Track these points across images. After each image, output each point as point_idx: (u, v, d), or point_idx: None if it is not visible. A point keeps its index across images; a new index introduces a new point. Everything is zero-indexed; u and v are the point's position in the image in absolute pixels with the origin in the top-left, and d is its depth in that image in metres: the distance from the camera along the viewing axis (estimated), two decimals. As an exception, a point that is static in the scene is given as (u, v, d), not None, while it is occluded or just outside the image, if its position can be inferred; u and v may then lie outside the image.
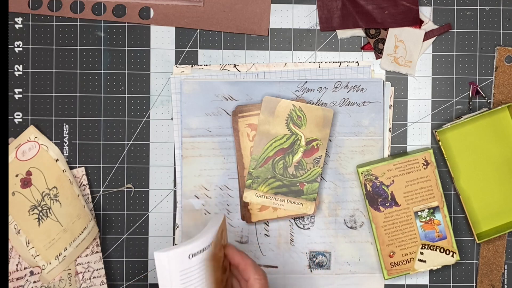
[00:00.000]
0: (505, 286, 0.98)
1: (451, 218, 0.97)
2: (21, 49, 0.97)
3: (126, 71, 0.97)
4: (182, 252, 0.76)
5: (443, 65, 0.97)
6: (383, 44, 0.96)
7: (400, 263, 0.95)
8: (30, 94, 0.97)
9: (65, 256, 0.95)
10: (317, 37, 0.97)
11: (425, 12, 0.97)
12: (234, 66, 0.97)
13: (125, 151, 0.97)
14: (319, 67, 0.97)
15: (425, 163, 0.94)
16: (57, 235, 0.95)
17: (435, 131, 0.95)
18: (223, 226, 0.82)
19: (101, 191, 0.98)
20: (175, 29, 0.97)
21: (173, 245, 0.96)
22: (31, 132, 0.96)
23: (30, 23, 0.97)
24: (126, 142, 0.97)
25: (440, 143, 0.94)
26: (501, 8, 0.97)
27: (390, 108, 0.97)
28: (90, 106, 0.97)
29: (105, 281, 0.97)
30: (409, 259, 0.95)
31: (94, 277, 0.97)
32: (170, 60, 0.97)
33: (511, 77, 0.97)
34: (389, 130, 0.97)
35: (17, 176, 0.94)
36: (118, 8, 0.97)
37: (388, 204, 0.94)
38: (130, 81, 0.97)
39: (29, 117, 0.97)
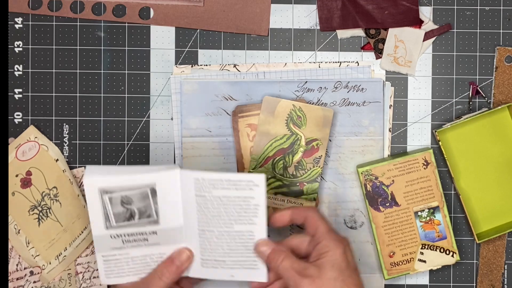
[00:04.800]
0: (505, 286, 0.98)
1: (451, 218, 0.97)
2: (21, 49, 0.97)
3: (126, 71, 0.97)
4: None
5: (443, 65, 0.97)
6: (383, 44, 0.96)
7: (400, 263, 0.95)
8: (30, 94, 0.97)
9: (65, 256, 0.95)
10: (317, 37, 0.97)
11: (425, 12, 0.97)
12: (234, 66, 0.97)
13: (125, 151, 0.97)
14: (319, 67, 0.97)
15: (425, 163, 0.94)
16: (57, 235, 0.95)
17: (435, 131, 0.95)
18: None
19: (101, 191, 0.98)
20: (175, 29, 0.97)
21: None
22: (31, 132, 0.96)
23: (30, 23, 0.97)
24: (126, 142, 0.97)
25: (440, 143, 0.94)
26: (501, 8, 0.97)
27: (390, 108, 0.97)
28: (90, 106, 0.97)
29: (105, 281, 0.97)
30: (409, 259, 0.95)
31: (94, 277, 0.97)
32: (170, 60, 0.97)
33: (511, 77, 0.97)
34: (389, 130, 0.97)
35: (17, 176, 0.94)
36: (118, 8, 0.97)
37: (388, 204, 0.94)
38: (130, 81, 0.97)
39: (29, 117, 0.97)
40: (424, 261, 0.95)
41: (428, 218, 0.94)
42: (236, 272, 0.84)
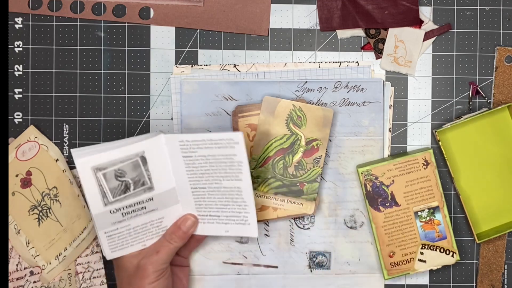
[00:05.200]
0: (505, 286, 0.98)
1: (451, 218, 0.97)
2: (21, 49, 0.97)
3: (126, 71, 0.97)
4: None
5: (443, 65, 0.97)
6: (383, 44, 0.96)
7: (400, 263, 0.95)
8: (30, 94, 0.97)
9: (65, 256, 0.95)
10: (317, 37, 0.97)
11: (425, 12, 0.97)
12: (234, 66, 0.97)
13: (125, 151, 0.97)
14: (319, 67, 0.97)
15: (425, 163, 0.94)
16: (57, 235, 0.95)
17: (435, 131, 0.95)
18: None
19: (101, 191, 0.98)
20: (175, 29, 0.97)
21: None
22: (31, 132, 0.96)
23: (30, 23, 0.97)
24: (126, 142, 0.97)
25: (440, 143, 0.94)
26: (501, 8, 0.97)
27: (390, 108, 0.97)
28: (90, 106, 0.97)
29: (105, 281, 0.97)
30: (409, 259, 0.95)
31: (94, 277, 0.97)
32: (170, 60, 0.97)
33: (511, 77, 0.97)
34: (389, 130, 0.97)
35: (17, 176, 0.94)
36: (118, 8, 0.97)
37: (388, 204, 0.94)
38: (130, 81, 0.97)
39: (29, 117, 0.97)
40: (424, 261, 0.95)
41: (428, 218, 0.94)
42: (230, 227, 0.88)
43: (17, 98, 0.97)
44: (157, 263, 0.86)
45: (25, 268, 0.95)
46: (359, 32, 0.97)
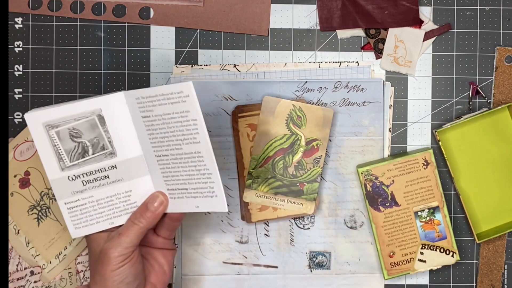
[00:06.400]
0: (505, 286, 0.98)
1: (451, 218, 0.97)
2: (21, 49, 0.97)
3: (126, 71, 0.97)
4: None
5: (443, 65, 0.97)
6: (383, 44, 0.96)
7: (400, 263, 0.95)
8: (30, 94, 0.97)
9: (65, 255, 0.96)
10: (317, 37, 0.97)
11: (425, 12, 0.97)
12: (234, 66, 0.97)
13: (125, 151, 0.97)
14: (319, 67, 0.97)
15: (425, 163, 0.94)
16: (57, 234, 0.95)
17: (435, 131, 0.94)
18: None
19: (101, 191, 0.98)
20: (175, 29, 0.97)
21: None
22: (29, 132, 0.96)
23: (30, 23, 0.97)
24: (126, 142, 0.97)
25: (440, 143, 0.94)
26: (501, 8, 0.97)
27: (390, 108, 0.97)
28: (90, 106, 0.97)
29: (105, 280, 0.97)
30: (409, 259, 0.95)
31: (95, 277, 0.97)
32: (170, 60, 0.97)
33: (511, 77, 0.96)
34: (389, 130, 0.97)
35: (15, 176, 0.94)
36: (118, 8, 0.97)
37: (388, 204, 0.94)
38: (130, 81, 0.97)
39: (29, 117, 0.97)
40: (424, 261, 0.95)
41: (428, 218, 0.94)
42: (199, 201, 0.79)
43: (17, 98, 0.97)
44: (120, 246, 0.77)
45: (25, 268, 0.95)
46: (359, 32, 0.97)
